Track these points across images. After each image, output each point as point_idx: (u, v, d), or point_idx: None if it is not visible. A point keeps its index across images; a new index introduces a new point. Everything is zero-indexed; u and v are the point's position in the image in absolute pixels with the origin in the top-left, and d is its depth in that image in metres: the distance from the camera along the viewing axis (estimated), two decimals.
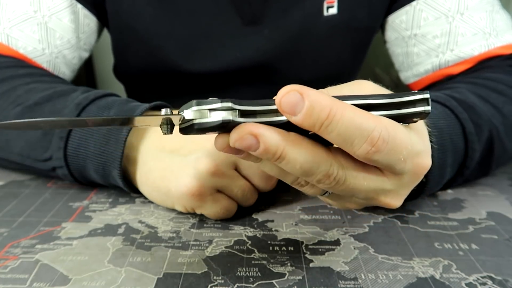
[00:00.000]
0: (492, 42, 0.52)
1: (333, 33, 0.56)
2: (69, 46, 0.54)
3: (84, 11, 0.54)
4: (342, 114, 0.23)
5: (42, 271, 0.31)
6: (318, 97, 0.23)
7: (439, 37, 0.54)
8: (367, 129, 0.24)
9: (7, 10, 0.50)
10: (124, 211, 0.39)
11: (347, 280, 0.30)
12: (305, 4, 0.54)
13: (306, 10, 0.54)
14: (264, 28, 0.55)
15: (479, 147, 0.40)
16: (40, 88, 0.44)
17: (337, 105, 0.23)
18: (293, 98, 0.23)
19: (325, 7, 0.54)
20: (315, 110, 0.23)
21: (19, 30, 0.50)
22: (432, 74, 0.55)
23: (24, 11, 0.50)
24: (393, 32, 0.58)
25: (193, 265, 0.31)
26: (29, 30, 0.50)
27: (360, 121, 0.24)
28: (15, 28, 0.50)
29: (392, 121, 0.25)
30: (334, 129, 0.23)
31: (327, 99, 0.23)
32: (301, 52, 0.57)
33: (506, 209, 0.40)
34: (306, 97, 0.23)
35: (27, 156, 0.42)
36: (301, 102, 0.23)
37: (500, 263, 0.32)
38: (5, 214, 0.39)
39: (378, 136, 0.24)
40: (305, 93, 0.23)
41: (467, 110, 0.40)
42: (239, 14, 0.54)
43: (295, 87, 0.23)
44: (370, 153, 0.24)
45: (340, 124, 0.23)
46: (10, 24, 0.50)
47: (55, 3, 0.52)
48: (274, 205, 0.41)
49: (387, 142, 0.24)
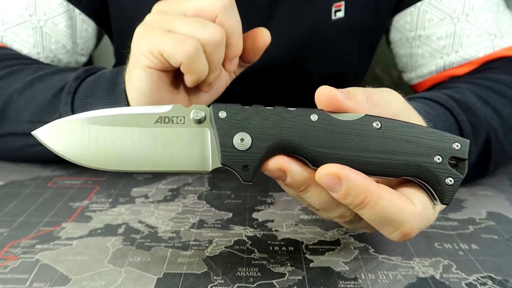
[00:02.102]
0: (497, 44, 0.51)
1: (340, 36, 0.56)
2: (65, 51, 0.54)
3: (82, 16, 0.54)
4: (376, 202, 0.24)
5: (42, 271, 0.31)
6: (356, 183, 0.24)
7: (444, 38, 0.53)
8: (399, 221, 0.25)
9: (2, 13, 0.50)
10: (124, 211, 0.39)
11: (347, 280, 0.30)
12: (314, 9, 0.53)
13: (314, 15, 0.54)
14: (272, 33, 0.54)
15: (476, 149, 0.40)
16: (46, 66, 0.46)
17: (373, 192, 0.24)
18: (332, 181, 0.24)
19: (333, 11, 0.54)
20: (350, 195, 0.24)
21: (13, 33, 0.50)
22: (436, 75, 0.55)
23: (19, 15, 0.50)
24: (397, 33, 0.58)
25: (193, 265, 0.31)
26: (24, 34, 0.50)
27: (393, 212, 0.25)
28: (9, 31, 0.50)
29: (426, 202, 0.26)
30: (367, 213, 0.25)
31: (365, 185, 0.24)
32: (309, 56, 0.57)
33: (506, 209, 0.40)
34: (344, 182, 0.24)
35: (38, 121, 0.42)
36: (338, 185, 0.24)
37: (500, 263, 0.32)
38: (5, 214, 0.39)
39: (410, 230, 0.25)
40: (344, 178, 0.24)
41: (466, 111, 0.40)
42: (247, 18, 0.54)
43: (335, 170, 0.24)
44: (400, 239, 0.26)
45: (373, 211, 0.25)
46: (4, 27, 0.50)
47: (51, 8, 0.51)
48: (274, 205, 0.41)
49: (418, 231, 0.26)
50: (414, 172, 0.26)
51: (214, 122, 0.26)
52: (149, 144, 0.26)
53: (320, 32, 0.55)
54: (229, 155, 0.25)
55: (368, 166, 0.26)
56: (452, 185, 0.26)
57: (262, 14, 0.53)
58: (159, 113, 0.27)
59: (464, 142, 0.26)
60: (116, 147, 0.27)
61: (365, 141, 0.25)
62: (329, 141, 0.25)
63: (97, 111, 0.27)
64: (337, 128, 0.25)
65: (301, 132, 0.25)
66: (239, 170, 0.26)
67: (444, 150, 0.26)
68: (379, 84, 0.29)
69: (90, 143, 0.27)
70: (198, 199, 0.42)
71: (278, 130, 0.25)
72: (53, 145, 0.27)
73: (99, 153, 0.27)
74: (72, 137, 0.27)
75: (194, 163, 0.27)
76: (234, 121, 0.26)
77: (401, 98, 0.29)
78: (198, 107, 0.27)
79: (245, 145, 0.25)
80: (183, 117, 0.27)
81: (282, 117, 0.26)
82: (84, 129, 0.27)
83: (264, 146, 0.25)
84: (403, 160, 0.26)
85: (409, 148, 0.26)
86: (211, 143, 0.26)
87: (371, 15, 0.56)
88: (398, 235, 0.26)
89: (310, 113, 0.26)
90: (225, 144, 0.25)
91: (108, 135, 0.27)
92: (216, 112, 0.26)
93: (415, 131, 0.26)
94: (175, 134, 0.27)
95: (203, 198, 0.42)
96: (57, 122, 0.27)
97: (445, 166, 0.26)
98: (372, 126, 0.26)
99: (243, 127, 0.25)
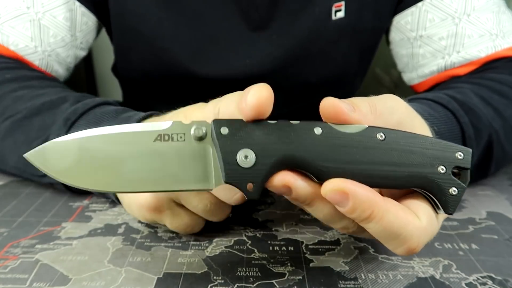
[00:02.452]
0: (499, 44, 0.51)
1: (340, 36, 0.56)
2: (63, 44, 0.53)
3: (82, 9, 0.53)
4: (382, 216, 0.24)
5: (42, 271, 0.31)
6: (362, 198, 0.24)
7: (445, 38, 0.53)
8: (405, 236, 0.25)
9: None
10: (124, 211, 0.39)
11: (347, 280, 0.30)
12: (314, 9, 0.53)
13: (314, 15, 0.53)
14: (272, 33, 0.54)
15: (477, 151, 0.40)
16: (28, 96, 0.43)
17: (379, 207, 0.24)
18: (338, 197, 0.24)
19: (333, 11, 0.54)
20: (357, 210, 0.24)
21: (10, 27, 0.49)
22: (438, 75, 0.55)
23: (16, 7, 0.49)
24: (398, 33, 0.58)
25: (193, 265, 0.31)
26: (21, 27, 0.49)
27: (398, 226, 0.25)
28: (6, 24, 0.49)
29: (430, 215, 0.26)
30: (373, 227, 0.25)
31: (371, 199, 0.24)
32: (309, 56, 0.56)
33: (506, 209, 0.40)
34: (351, 197, 0.24)
35: (23, 171, 0.42)
36: (345, 201, 0.24)
37: (500, 263, 0.32)
38: (5, 214, 0.39)
39: (415, 245, 0.25)
40: (351, 193, 0.24)
41: (468, 113, 0.40)
42: (246, 19, 0.53)
43: (341, 185, 0.24)
44: (405, 254, 0.26)
45: (379, 225, 0.24)
46: (1, 20, 0.49)
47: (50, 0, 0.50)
48: (274, 205, 0.41)
49: (423, 245, 0.26)
50: (419, 183, 0.26)
51: (216, 139, 0.25)
52: (149, 163, 0.25)
53: (320, 32, 0.55)
54: (233, 173, 0.25)
55: (373, 179, 0.25)
56: (456, 195, 0.26)
57: (261, 15, 0.53)
58: (158, 131, 0.26)
59: (467, 152, 0.26)
60: (113, 167, 0.25)
61: (370, 153, 0.25)
62: (333, 154, 0.25)
63: (93, 130, 0.26)
64: (341, 142, 0.25)
65: (305, 147, 0.25)
66: (243, 188, 0.25)
67: (447, 160, 0.26)
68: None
69: (85, 164, 0.25)
70: None
71: (282, 145, 0.25)
72: (47, 168, 0.25)
73: (95, 174, 0.25)
74: (66, 158, 0.25)
75: (196, 182, 0.26)
76: (237, 137, 0.25)
77: (404, 105, 0.29)
78: (199, 123, 0.26)
79: (249, 162, 0.25)
80: (184, 134, 0.26)
81: (285, 131, 0.25)
82: (80, 149, 0.25)
83: (268, 162, 0.25)
84: (407, 171, 0.25)
85: (413, 159, 0.25)
86: (213, 161, 0.26)
87: (371, 16, 0.56)
88: (403, 250, 0.26)
89: (313, 126, 0.25)
90: (228, 162, 0.25)
91: (105, 155, 0.25)
92: (218, 128, 0.25)
93: (419, 141, 0.26)
94: (175, 152, 0.26)
95: None
96: (51, 143, 0.25)
97: (449, 176, 0.26)
98: (376, 138, 0.25)
99: (246, 143, 0.25)
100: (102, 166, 0.25)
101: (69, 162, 0.25)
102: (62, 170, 0.25)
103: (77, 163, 0.25)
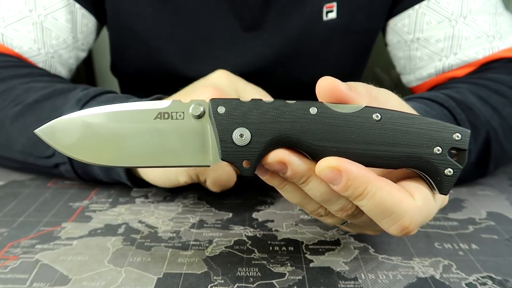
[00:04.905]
0: (496, 45, 0.51)
1: (332, 37, 0.56)
2: (65, 46, 0.54)
3: (82, 11, 0.54)
4: (375, 192, 0.24)
5: (42, 271, 0.31)
6: (356, 175, 0.24)
7: (442, 41, 0.53)
8: (398, 214, 0.25)
9: (2, 9, 0.50)
10: (124, 211, 0.39)
11: (347, 280, 0.30)
12: (305, 9, 0.54)
13: (306, 15, 0.54)
14: (264, 33, 0.54)
15: (475, 148, 0.40)
16: (39, 86, 0.44)
17: (373, 183, 0.24)
18: (332, 175, 0.25)
19: (324, 12, 0.54)
20: (351, 187, 0.24)
21: (13, 30, 0.50)
22: (436, 77, 0.55)
23: (19, 10, 0.50)
24: (395, 35, 0.58)
25: (193, 265, 0.31)
26: (24, 30, 0.50)
27: (392, 203, 0.25)
28: (9, 27, 0.50)
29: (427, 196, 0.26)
30: (366, 204, 0.25)
31: (364, 176, 0.24)
32: (301, 56, 0.57)
33: (506, 209, 0.40)
34: (344, 175, 0.24)
35: (29, 154, 0.42)
36: (339, 178, 0.24)
37: (500, 263, 0.32)
38: (5, 214, 0.39)
39: (409, 223, 0.25)
40: (344, 170, 0.24)
41: (465, 111, 0.40)
42: (239, 18, 0.54)
43: (334, 163, 0.24)
44: (399, 234, 0.26)
45: (372, 201, 0.25)
46: (5, 24, 0.50)
47: (51, 2, 0.51)
48: (274, 205, 0.41)
49: (418, 226, 0.26)
50: (414, 163, 0.26)
51: (213, 117, 0.26)
52: (149, 139, 0.27)
53: (311, 32, 0.55)
54: (229, 151, 0.26)
55: (368, 158, 0.26)
56: (452, 175, 0.26)
57: (254, 15, 0.53)
58: (158, 109, 0.27)
59: (465, 132, 0.26)
60: (116, 143, 0.27)
61: (365, 133, 0.25)
62: (328, 134, 0.25)
63: (97, 108, 0.27)
64: (336, 121, 0.25)
65: (301, 126, 0.25)
66: (239, 165, 0.26)
67: (444, 141, 0.26)
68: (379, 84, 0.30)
69: (90, 140, 0.27)
70: (198, 199, 0.42)
71: (277, 124, 0.25)
72: (55, 143, 0.27)
73: (100, 150, 0.27)
74: (72, 134, 0.27)
75: (195, 158, 0.27)
76: (233, 116, 0.26)
77: (398, 98, 0.29)
78: (197, 102, 0.27)
79: (245, 140, 0.25)
80: (183, 113, 0.27)
81: (281, 111, 0.26)
82: (85, 126, 0.27)
83: (263, 141, 0.25)
84: (403, 152, 0.26)
85: (409, 140, 0.25)
86: (211, 138, 0.27)
87: (365, 17, 0.56)
88: (397, 228, 0.25)
89: (309, 106, 0.26)
90: (224, 140, 0.26)
91: (108, 131, 0.27)
92: (215, 107, 0.26)
93: (415, 122, 0.26)
94: (174, 129, 0.27)
95: (203, 198, 0.42)
96: (59, 120, 0.27)
97: (445, 157, 0.26)
98: (372, 118, 0.25)
99: (242, 122, 0.25)
100: (105, 142, 0.27)
101: (75, 138, 0.27)
102: (69, 145, 0.27)
103: (82, 139, 0.27)
